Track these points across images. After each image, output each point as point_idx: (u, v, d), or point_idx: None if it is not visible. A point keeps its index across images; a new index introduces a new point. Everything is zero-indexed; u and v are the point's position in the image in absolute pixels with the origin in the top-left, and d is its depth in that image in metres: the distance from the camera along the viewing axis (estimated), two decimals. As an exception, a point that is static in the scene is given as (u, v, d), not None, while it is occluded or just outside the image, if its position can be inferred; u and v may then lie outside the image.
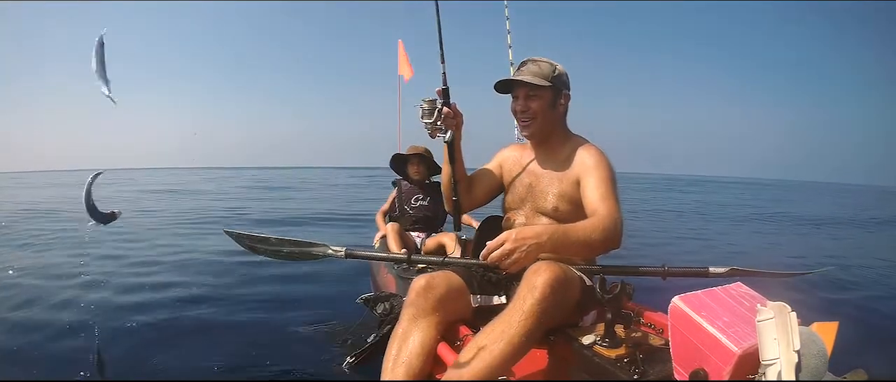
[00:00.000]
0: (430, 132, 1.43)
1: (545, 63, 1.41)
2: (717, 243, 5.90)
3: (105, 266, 3.58)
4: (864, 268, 4.12)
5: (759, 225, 8.23)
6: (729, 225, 7.99)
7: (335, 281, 2.96)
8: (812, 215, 10.51)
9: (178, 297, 2.69)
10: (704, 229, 7.31)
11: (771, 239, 6.55)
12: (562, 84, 1.41)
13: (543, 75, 1.38)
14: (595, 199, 1.31)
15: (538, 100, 1.39)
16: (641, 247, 4.86)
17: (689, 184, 28.94)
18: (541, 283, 1.07)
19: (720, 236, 6.57)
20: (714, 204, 12.97)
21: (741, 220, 8.81)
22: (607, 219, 1.25)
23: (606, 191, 1.32)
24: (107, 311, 2.44)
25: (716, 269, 1.28)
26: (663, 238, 6.06)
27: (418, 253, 2.42)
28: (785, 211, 11.32)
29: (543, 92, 1.39)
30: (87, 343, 2.02)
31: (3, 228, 5.45)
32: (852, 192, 27.86)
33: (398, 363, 1.15)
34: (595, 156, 1.37)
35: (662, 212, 9.94)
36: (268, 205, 9.39)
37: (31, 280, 3.14)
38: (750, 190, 23.85)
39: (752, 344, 0.82)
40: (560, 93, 1.41)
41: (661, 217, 9.05)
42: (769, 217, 9.80)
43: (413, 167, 2.79)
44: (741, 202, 14.70)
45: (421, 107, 1.41)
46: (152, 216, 7.22)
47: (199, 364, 1.87)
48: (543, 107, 1.40)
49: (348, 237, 4.95)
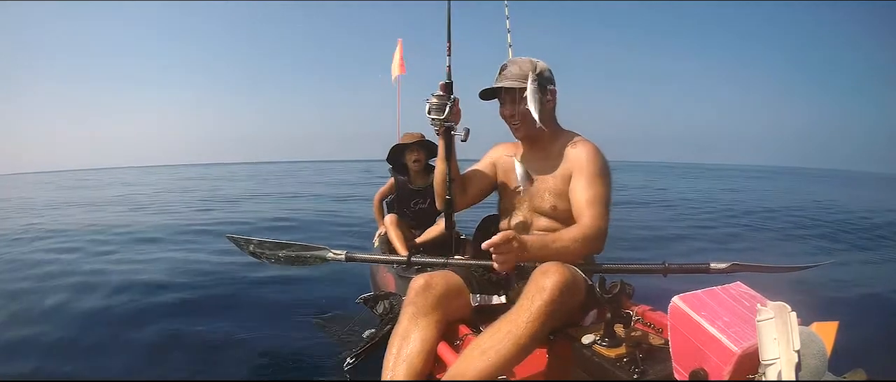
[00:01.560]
0: (437, 129, 1.41)
1: (525, 62, 1.40)
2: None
3: (102, 263, 3.59)
4: (865, 265, 4.10)
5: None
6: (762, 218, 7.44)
7: (335, 281, 2.95)
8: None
9: (175, 300, 2.69)
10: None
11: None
12: (545, 80, 1.40)
13: (524, 76, 1.37)
14: (581, 203, 1.32)
15: (525, 102, 1.37)
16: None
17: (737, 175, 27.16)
18: (550, 285, 1.08)
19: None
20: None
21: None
22: (589, 229, 1.27)
23: (595, 194, 1.32)
24: (101, 313, 2.44)
25: (717, 265, 1.28)
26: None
27: (419, 248, 2.39)
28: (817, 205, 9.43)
29: (522, 93, 1.38)
30: (80, 343, 2.03)
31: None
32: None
33: (399, 362, 1.16)
34: (587, 153, 1.36)
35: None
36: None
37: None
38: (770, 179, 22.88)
39: (752, 344, 0.82)
40: (545, 90, 1.40)
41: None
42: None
43: (412, 154, 2.64)
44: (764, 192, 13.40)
45: (429, 103, 1.37)
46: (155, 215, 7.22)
47: (198, 365, 1.86)
48: (527, 108, 1.39)
49: (349, 239, 4.91)
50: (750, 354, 0.82)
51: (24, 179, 29.21)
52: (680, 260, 1.35)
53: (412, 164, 2.66)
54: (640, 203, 9.14)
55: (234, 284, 3.00)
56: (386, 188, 2.84)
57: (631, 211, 7.63)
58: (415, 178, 2.71)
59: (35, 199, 11.36)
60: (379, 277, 2.31)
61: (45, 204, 9.71)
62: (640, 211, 7.79)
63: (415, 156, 2.63)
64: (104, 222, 6.12)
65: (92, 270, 3.42)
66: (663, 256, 3.28)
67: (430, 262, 1.47)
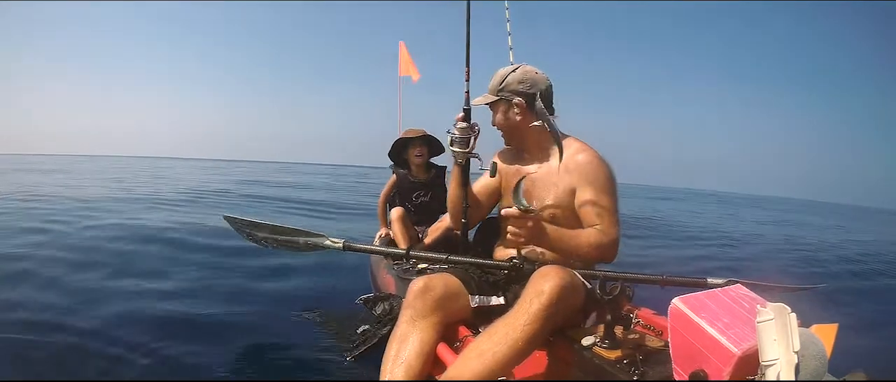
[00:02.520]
0: (459, 160, 1.43)
1: (497, 75, 1.46)
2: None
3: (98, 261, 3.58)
4: (866, 267, 4.09)
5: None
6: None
7: (334, 281, 2.95)
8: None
9: (169, 291, 2.66)
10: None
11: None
12: (510, 93, 1.43)
13: (491, 90, 1.45)
14: (592, 214, 1.33)
15: (497, 114, 1.47)
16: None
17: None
18: (548, 289, 1.08)
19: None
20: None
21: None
22: (606, 236, 1.30)
23: (606, 204, 1.33)
24: (91, 305, 2.42)
25: (714, 280, 1.29)
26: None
27: (423, 246, 2.37)
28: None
29: (497, 105, 1.45)
30: (74, 342, 2.01)
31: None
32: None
33: (397, 363, 1.16)
34: (590, 163, 1.37)
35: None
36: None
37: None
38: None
39: (752, 345, 0.82)
40: (510, 104, 1.44)
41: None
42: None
43: (415, 150, 2.65)
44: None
45: (451, 135, 1.37)
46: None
47: (194, 362, 1.85)
48: (502, 119, 1.46)
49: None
50: (750, 355, 0.82)
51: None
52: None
53: (415, 158, 2.68)
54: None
55: (231, 278, 3.00)
56: (388, 187, 2.83)
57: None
58: (416, 172, 2.72)
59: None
60: (379, 278, 2.30)
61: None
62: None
63: (418, 151, 2.66)
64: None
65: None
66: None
67: (428, 257, 1.48)
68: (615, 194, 1.37)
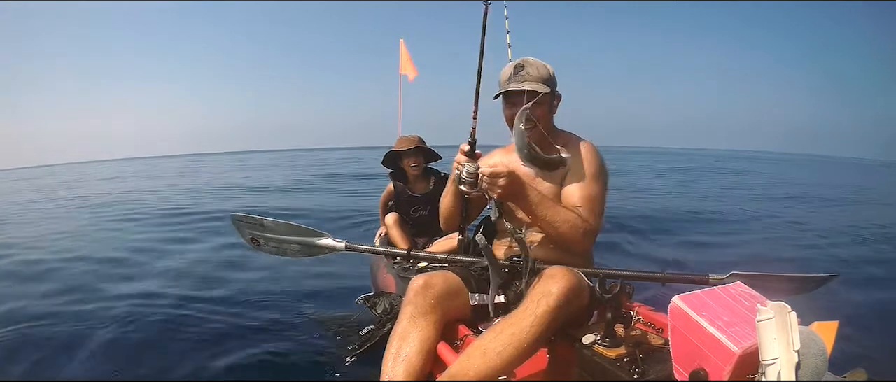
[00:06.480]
0: (467, 196, 1.40)
1: (541, 65, 1.39)
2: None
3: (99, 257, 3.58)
4: (871, 265, 4.03)
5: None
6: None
7: (334, 281, 2.95)
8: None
9: (171, 296, 2.67)
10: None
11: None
12: (555, 84, 1.41)
13: (543, 79, 1.36)
14: (576, 199, 1.32)
15: (540, 106, 1.34)
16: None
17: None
18: (556, 290, 1.08)
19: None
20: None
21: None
22: (583, 221, 1.28)
23: (591, 192, 1.32)
24: (97, 310, 2.43)
25: (716, 276, 1.29)
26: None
27: (419, 250, 2.38)
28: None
29: (544, 97, 1.36)
30: (76, 345, 2.02)
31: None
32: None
33: (398, 361, 1.16)
34: (585, 153, 1.37)
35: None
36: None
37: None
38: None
39: (752, 344, 0.82)
40: (556, 95, 1.41)
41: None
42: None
43: (410, 160, 2.58)
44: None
45: (459, 175, 1.30)
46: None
47: (194, 362, 1.86)
48: (545, 111, 1.39)
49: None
50: (750, 354, 0.82)
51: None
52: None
53: (410, 169, 2.60)
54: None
55: (231, 278, 3.00)
56: (387, 193, 2.79)
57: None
58: (413, 183, 2.65)
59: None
60: (379, 277, 2.31)
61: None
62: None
63: (413, 161, 2.58)
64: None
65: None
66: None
67: (429, 257, 1.47)
68: (604, 186, 1.36)
